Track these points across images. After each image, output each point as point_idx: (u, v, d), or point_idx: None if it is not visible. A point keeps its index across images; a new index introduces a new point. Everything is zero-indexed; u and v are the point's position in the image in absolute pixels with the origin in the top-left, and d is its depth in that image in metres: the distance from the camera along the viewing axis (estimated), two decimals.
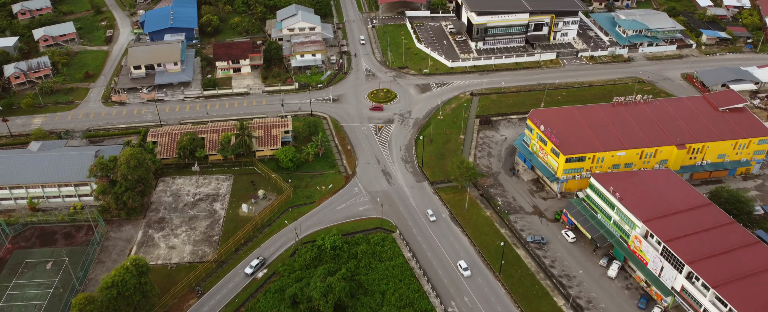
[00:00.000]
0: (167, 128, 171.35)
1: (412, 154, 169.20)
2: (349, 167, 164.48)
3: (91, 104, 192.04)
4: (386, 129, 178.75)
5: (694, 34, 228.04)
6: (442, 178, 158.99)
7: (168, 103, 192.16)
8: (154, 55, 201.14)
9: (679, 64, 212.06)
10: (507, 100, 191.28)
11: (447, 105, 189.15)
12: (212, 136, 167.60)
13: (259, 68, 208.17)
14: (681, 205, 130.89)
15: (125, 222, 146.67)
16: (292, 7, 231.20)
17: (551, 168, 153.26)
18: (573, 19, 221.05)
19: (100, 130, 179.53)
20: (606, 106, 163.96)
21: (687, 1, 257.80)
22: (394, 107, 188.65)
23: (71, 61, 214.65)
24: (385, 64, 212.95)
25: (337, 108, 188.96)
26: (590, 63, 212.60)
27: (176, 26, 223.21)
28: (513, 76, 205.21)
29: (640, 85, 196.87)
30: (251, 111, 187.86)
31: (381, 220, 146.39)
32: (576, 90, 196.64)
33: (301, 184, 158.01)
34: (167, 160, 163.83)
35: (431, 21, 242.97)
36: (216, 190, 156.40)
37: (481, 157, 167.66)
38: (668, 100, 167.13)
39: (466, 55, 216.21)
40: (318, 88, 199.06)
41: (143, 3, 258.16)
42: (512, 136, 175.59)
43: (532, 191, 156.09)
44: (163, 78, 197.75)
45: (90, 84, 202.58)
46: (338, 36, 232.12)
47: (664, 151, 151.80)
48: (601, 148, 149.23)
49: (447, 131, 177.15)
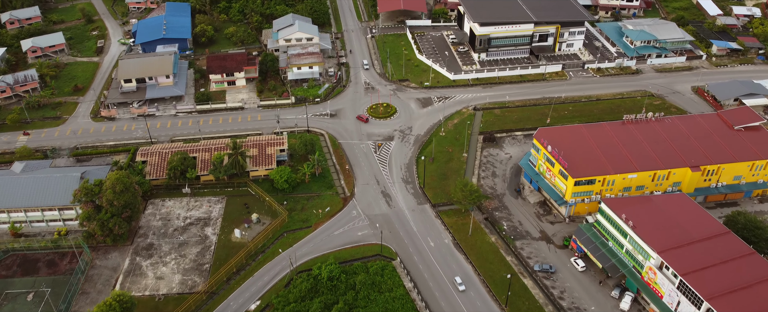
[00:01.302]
0: (157, 147, 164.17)
1: (413, 173, 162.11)
2: (347, 188, 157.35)
3: (80, 120, 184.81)
4: (386, 146, 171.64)
5: (704, 44, 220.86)
6: (445, 201, 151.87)
7: (159, 118, 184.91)
8: (146, 67, 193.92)
9: (689, 76, 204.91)
10: (511, 116, 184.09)
11: (449, 120, 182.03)
12: (204, 155, 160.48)
13: (255, 81, 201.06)
14: (698, 233, 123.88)
15: (112, 249, 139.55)
16: (289, 16, 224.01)
17: (559, 191, 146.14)
18: (579, 29, 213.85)
19: (88, 147, 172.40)
20: (616, 124, 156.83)
21: (695, 10, 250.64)
22: (394, 123, 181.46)
23: (60, 73, 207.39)
24: (385, 76, 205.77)
25: (334, 124, 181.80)
26: (597, 75, 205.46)
27: (169, 37, 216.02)
28: (517, 90, 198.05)
29: (650, 99, 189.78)
30: (246, 127, 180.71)
31: (381, 247, 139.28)
32: (583, 104, 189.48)
33: (296, 207, 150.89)
34: (157, 181, 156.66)
35: (432, 30, 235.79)
36: (207, 213, 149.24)
37: (485, 178, 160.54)
38: (681, 118, 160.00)
39: (468, 66, 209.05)
40: (315, 102, 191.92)
41: (136, 11, 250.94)
42: (517, 154, 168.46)
43: (538, 214, 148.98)
44: (155, 92, 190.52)
45: (79, 98, 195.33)
46: (337, 46, 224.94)
47: (677, 173, 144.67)
48: (611, 171, 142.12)
49: (449, 149, 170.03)
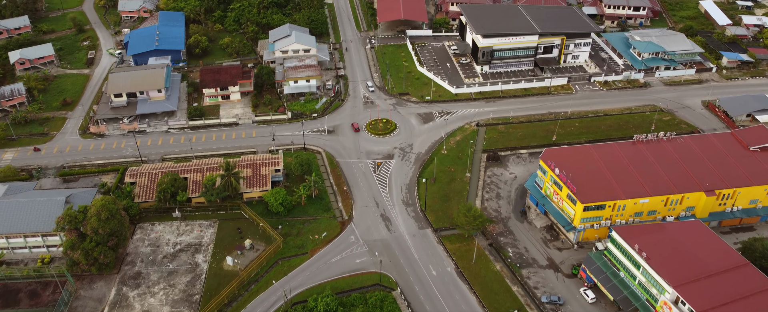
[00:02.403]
0: (147, 167, 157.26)
1: (414, 195, 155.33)
2: (345, 211, 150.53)
3: (68, 136, 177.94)
4: (386, 165, 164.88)
5: (714, 56, 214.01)
6: (447, 225, 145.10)
7: (150, 135, 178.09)
8: (137, 81, 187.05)
9: (699, 90, 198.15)
10: (516, 132, 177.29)
11: (451, 137, 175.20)
12: (196, 175, 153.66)
13: (250, 95, 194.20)
14: (715, 265, 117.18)
15: (97, 278, 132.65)
16: (285, 26, 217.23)
17: (567, 215, 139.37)
18: (585, 41, 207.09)
19: (76, 166, 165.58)
20: (626, 144, 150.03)
21: (703, 19, 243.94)
22: (394, 140, 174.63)
23: (49, 86, 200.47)
24: (385, 89, 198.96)
25: (332, 141, 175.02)
26: (604, 89, 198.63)
27: (162, 48, 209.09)
28: (521, 104, 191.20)
29: (659, 115, 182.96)
30: (240, 144, 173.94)
31: (380, 275, 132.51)
32: (590, 120, 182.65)
33: (292, 232, 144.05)
34: (146, 204, 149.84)
35: (433, 41, 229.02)
36: (199, 238, 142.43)
37: (489, 200, 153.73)
38: (693, 138, 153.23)
39: (470, 79, 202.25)
40: (312, 117, 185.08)
41: (129, 21, 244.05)
42: (522, 174, 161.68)
43: (545, 240, 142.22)
44: (146, 107, 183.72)
45: (67, 113, 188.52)
46: (335, 58, 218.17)
47: (691, 197, 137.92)
48: (622, 196, 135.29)
49: (451, 168, 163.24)
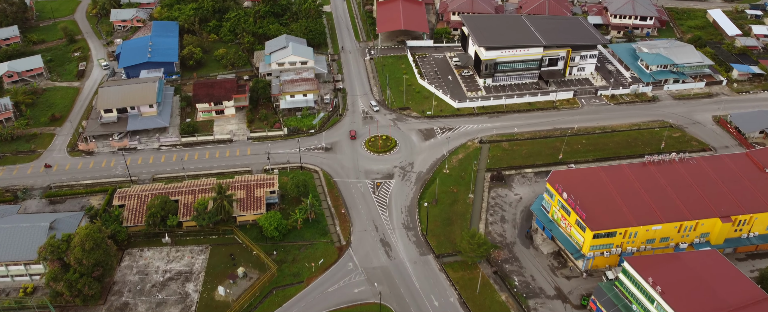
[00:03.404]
0: (136, 188, 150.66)
1: (415, 217, 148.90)
2: (343, 235, 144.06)
3: (55, 154, 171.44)
4: (385, 186, 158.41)
5: (724, 68, 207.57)
6: (450, 251, 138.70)
7: (141, 152, 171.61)
8: (127, 96, 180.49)
9: (709, 104, 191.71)
10: (520, 150, 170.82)
11: (453, 155, 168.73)
12: (187, 198, 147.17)
13: (245, 110, 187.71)
14: (734, 299, 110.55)
15: (82, 309, 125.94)
16: (282, 37, 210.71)
17: (576, 242, 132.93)
18: (591, 53, 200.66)
19: (63, 187, 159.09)
20: (636, 166, 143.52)
21: (712, 29, 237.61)
22: (394, 158, 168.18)
23: (37, 100, 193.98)
24: (385, 104, 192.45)
25: (330, 159, 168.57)
26: (611, 103, 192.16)
27: (154, 60, 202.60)
28: (526, 119, 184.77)
29: (669, 131, 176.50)
30: (234, 162, 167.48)
31: (380, 307, 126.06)
32: (597, 137, 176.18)
33: (287, 258, 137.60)
34: (136, 228, 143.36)
35: (434, 52, 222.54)
36: (189, 266, 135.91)
37: (493, 223, 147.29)
38: (707, 159, 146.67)
39: (473, 93, 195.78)
40: (309, 133, 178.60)
41: (121, 30, 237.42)
42: (528, 195, 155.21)
43: (552, 267, 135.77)
44: (137, 123, 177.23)
45: (56, 128, 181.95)
46: (333, 69, 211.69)
47: (706, 224, 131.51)
48: (634, 222, 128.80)
49: (454, 189, 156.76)
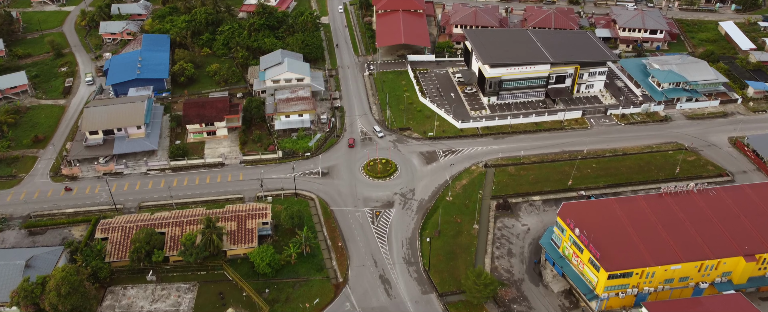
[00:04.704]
0: (121, 220, 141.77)
1: (417, 251, 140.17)
2: (340, 271, 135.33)
3: (37, 179, 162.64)
4: (385, 215, 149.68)
5: (738, 85, 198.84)
6: (454, 289, 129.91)
7: (127, 177, 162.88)
8: (114, 117, 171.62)
9: (724, 124, 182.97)
10: (527, 175, 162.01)
11: (457, 181, 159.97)
12: (175, 230, 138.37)
13: (238, 130, 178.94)
14: None
15: None
16: (278, 53, 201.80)
17: (589, 282, 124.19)
18: (600, 69, 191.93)
19: (44, 216, 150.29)
20: (652, 198, 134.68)
21: (724, 42, 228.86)
22: (394, 184, 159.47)
23: (20, 120, 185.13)
24: (385, 124, 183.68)
25: (326, 185, 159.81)
26: (621, 123, 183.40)
27: (144, 77, 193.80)
28: (533, 141, 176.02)
29: (684, 155, 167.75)
30: (225, 189, 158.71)
31: None
32: (608, 160, 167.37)
33: (280, 297, 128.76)
34: (119, 263, 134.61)
35: (436, 67, 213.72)
36: (176, 305, 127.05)
37: (500, 257, 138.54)
38: (726, 190, 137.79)
39: (477, 112, 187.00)
40: (305, 156, 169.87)
41: (111, 44, 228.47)
42: (536, 226, 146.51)
43: (563, 307, 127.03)
44: (124, 146, 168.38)
45: (39, 151, 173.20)
46: (331, 86, 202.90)
47: (728, 262, 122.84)
48: (651, 262, 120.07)
49: (458, 219, 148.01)
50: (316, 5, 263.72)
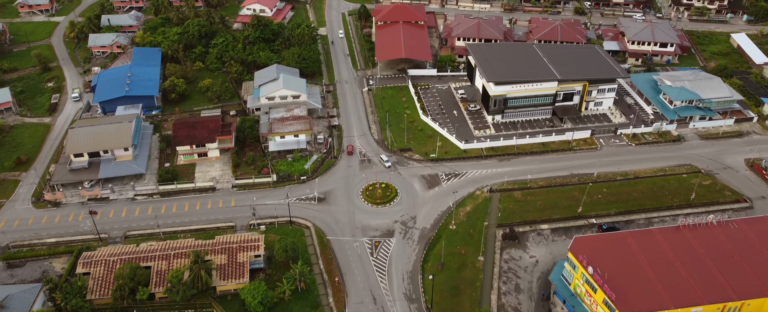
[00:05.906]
0: (104, 252, 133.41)
1: (418, 285, 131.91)
2: (337, 309, 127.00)
3: (18, 206, 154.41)
4: (385, 245, 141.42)
5: (753, 103, 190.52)
6: None
7: (113, 204, 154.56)
8: (100, 139, 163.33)
9: (740, 145, 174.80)
10: (535, 201, 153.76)
11: (461, 207, 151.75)
12: (161, 264, 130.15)
13: (230, 151, 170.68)
14: None
15: None
16: (273, 68, 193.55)
17: None
18: (610, 86, 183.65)
19: (24, 246, 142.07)
20: (669, 231, 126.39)
21: (737, 56, 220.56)
22: (394, 211, 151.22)
23: (3, 139, 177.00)
24: (384, 144, 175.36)
25: (323, 212, 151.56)
26: (632, 143, 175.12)
27: (133, 94, 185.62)
28: (540, 164, 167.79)
29: (699, 179, 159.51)
30: (216, 216, 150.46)
31: None
32: (619, 185, 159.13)
33: None
34: (101, 301, 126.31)
35: (438, 82, 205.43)
36: None
37: (507, 293, 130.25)
38: (748, 222, 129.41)
39: (480, 131, 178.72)
40: (300, 180, 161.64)
41: (100, 57, 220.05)
42: (545, 258, 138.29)
43: None
44: (110, 169, 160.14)
45: (21, 174, 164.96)
46: (328, 103, 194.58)
47: (753, 304, 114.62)
48: (671, 304, 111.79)
49: (462, 250, 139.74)
50: (314, 15, 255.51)
